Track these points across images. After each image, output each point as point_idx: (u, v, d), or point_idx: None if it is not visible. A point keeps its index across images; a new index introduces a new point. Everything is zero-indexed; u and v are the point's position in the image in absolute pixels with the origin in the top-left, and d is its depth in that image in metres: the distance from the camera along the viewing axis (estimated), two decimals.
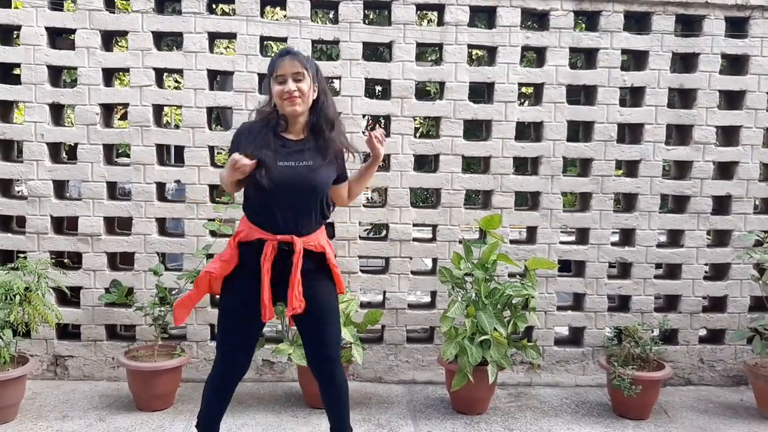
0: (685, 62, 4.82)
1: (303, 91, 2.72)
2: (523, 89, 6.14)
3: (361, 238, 4.64)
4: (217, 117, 9.14)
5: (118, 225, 4.73)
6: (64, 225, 4.67)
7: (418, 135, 11.60)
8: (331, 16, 5.05)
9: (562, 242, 4.75)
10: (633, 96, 4.81)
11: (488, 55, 4.78)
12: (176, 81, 9.73)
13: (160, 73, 4.55)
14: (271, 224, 2.76)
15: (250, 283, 2.78)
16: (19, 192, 5.03)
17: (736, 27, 4.68)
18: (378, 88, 10.18)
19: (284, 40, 4.50)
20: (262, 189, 2.70)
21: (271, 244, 2.74)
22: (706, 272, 4.89)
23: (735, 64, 4.81)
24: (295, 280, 2.75)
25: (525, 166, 4.93)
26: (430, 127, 12.57)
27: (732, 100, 4.81)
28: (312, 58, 2.94)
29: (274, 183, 2.68)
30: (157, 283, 4.24)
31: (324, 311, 2.90)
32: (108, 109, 4.61)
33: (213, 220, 4.42)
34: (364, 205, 4.64)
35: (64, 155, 4.83)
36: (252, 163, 2.66)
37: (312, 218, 2.82)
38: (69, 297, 4.56)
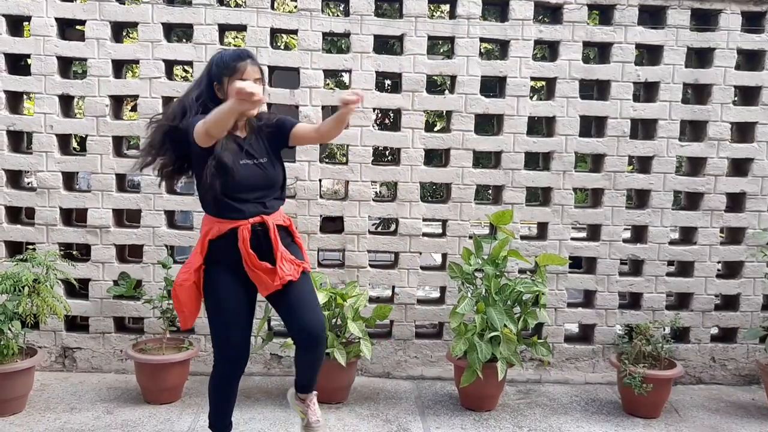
0: (700, 57, 4.76)
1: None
2: (534, 84, 6.09)
3: (370, 232, 4.61)
4: None
5: (126, 217, 4.72)
6: (73, 217, 4.66)
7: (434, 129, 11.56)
8: (342, 8, 5.01)
9: (573, 239, 4.71)
10: (646, 91, 4.76)
11: (500, 48, 4.73)
12: (186, 71, 9.71)
13: (170, 64, 4.53)
14: (240, 213, 2.90)
15: (230, 276, 2.95)
16: (28, 183, 5.03)
17: (753, 22, 4.62)
18: (387, 82, 10.14)
19: (294, 32, 4.47)
20: (229, 186, 2.84)
21: (245, 228, 2.89)
22: (718, 270, 4.84)
23: (751, 60, 4.74)
24: (278, 252, 2.91)
25: (536, 161, 4.89)
26: (436, 119, 12.51)
27: (747, 96, 4.74)
28: None
29: (239, 181, 2.85)
30: (165, 276, 4.23)
31: (303, 280, 3.02)
32: (118, 101, 4.60)
33: None
34: (373, 200, 4.61)
35: (75, 146, 4.82)
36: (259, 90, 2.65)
37: (274, 199, 3.01)
38: (77, 289, 4.56)
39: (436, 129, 10.72)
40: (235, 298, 2.98)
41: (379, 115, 13.66)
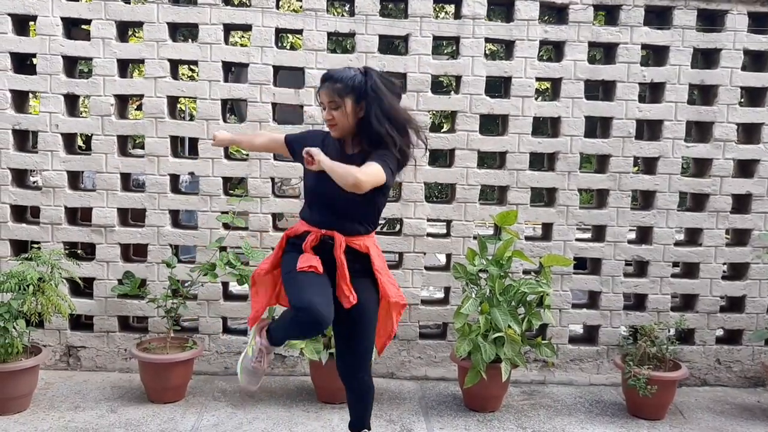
0: (706, 58, 4.74)
1: (337, 118, 2.85)
2: (539, 85, 6.09)
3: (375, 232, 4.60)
4: (231, 109, 9.14)
5: (131, 216, 4.73)
6: (78, 216, 4.67)
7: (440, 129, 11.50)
8: (347, 8, 5.01)
9: (578, 239, 4.69)
10: (652, 92, 4.74)
11: (506, 49, 4.72)
12: (191, 70, 9.73)
13: (175, 64, 4.53)
14: (317, 221, 2.91)
15: (299, 252, 2.89)
16: (33, 182, 5.04)
17: (759, 22, 4.60)
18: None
19: (299, 32, 4.47)
20: (311, 190, 2.95)
21: (315, 234, 2.88)
22: (724, 272, 4.82)
23: (757, 61, 4.72)
24: (343, 271, 2.83)
25: (541, 161, 4.88)
26: (443, 120, 12.49)
27: (754, 97, 4.72)
28: (356, 74, 2.85)
29: (319, 188, 2.88)
30: (169, 275, 4.24)
31: (359, 318, 2.95)
32: (123, 101, 4.61)
33: (226, 212, 4.40)
34: None
35: (80, 145, 4.83)
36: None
37: (356, 222, 2.91)
38: (82, 288, 4.56)
39: (442, 131, 10.71)
40: (315, 273, 2.80)
41: None
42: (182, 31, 4.89)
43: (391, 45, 7.98)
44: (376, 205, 2.96)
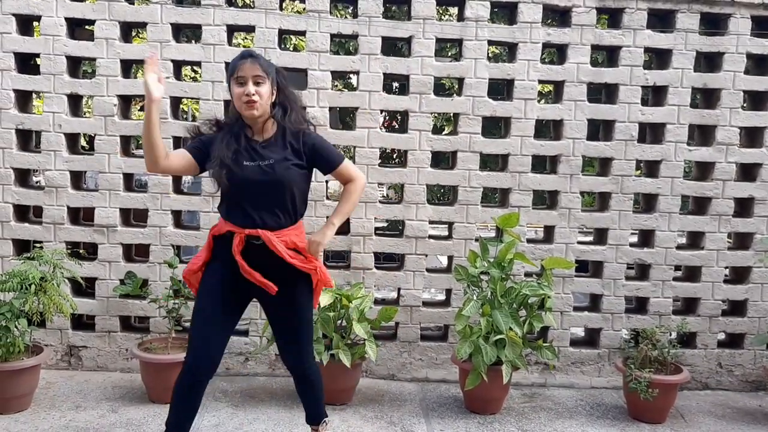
0: (709, 61, 4.74)
1: (262, 94, 2.78)
2: (542, 88, 6.10)
3: (376, 234, 4.61)
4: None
5: (134, 217, 4.74)
6: (81, 216, 4.68)
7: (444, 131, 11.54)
8: (350, 10, 5.02)
9: (579, 242, 4.69)
10: (655, 95, 4.74)
11: (508, 51, 4.73)
12: (194, 71, 9.75)
13: (178, 65, 4.54)
14: (240, 219, 2.83)
15: (221, 271, 2.88)
16: (36, 182, 5.05)
17: (763, 26, 4.60)
18: (395, 84, 10.15)
19: (302, 33, 4.48)
20: (229, 188, 2.80)
21: (239, 236, 2.80)
22: (726, 275, 4.82)
23: (760, 64, 4.72)
24: (284, 256, 2.82)
25: (543, 164, 4.88)
26: (444, 123, 12.49)
27: (757, 100, 4.72)
28: (270, 61, 2.97)
29: (240, 181, 2.78)
30: (171, 276, 4.24)
31: (293, 307, 2.95)
32: (126, 101, 4.62)
33: None
34: (380, 201, 4.60)
35: (83, 145, 4.83)
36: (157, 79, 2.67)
37: (280, 214, 2.85)
38: (84, 288, 4.57)
39: (444, 133, 10.71)
40: (218, 307, 2.87)
41: (387, 118, 13.65)
42: (186, 32, 4.90)
43: (394, 47, 7.99)
44: (303, 195, 2.94)
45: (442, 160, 5.88)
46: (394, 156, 12.27)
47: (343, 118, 11.61)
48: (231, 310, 2.95)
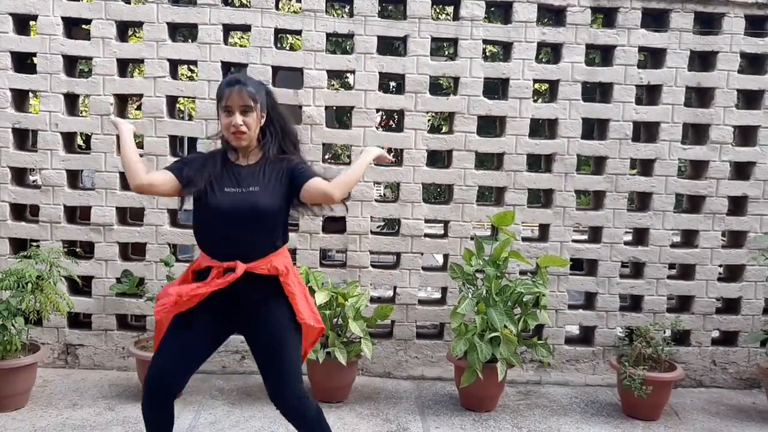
0: (703, 61, 4.76)
1: (249, 124, 2.64)
2: (538, 87, 6.12)
3: (372, 232, 4.62)
4: None
5: (130, 215, 4.75)
6: (77, 214, 4.69)
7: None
8: (347, 9, 5.04)
9: (574, 240, 4.71)
10: (649, 94, 4.76)
11: (503, 50, 4.75)
12: (191, 70, 9.76)
13: (174, 64, 4.55)
14: (218, 252, 2.65)
15: (202, 310, 2.66)
16: (33, 181, 5.06)
17: (756, 25, 4.62)
18: (392, 84, 10.16)
19: (298, 32, 4.49)
20: (207, 216, 2.65)
21: (217, 270, 2.62)
22: (720, 273, 4.84)
23: (754, 63, 4.75)
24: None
25: (538, 163, 4.90)
26: (441, 122, 12.51)
27: (750, 99, 4.75)
28: (260, 81, 2.80)
29: (219, 209, 2.61)
30: (167, 274, 4.25)
31: (276, 344, 2.70)
32: (122, 100, 4.62)
33: None
34: (376, 200, 4.62)
35: (80, 144, 4.84)
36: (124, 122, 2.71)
37: (260, 243, 2.66)
38: (80, 286, 4.58)
39: (440, 132, 10.73)
40: (192, 334, 2.68)
41: (384, 117, 13.66)
42: (182, 32, 4.91)
43: (390, 46, 8.01)
44: (285, 223, 2.77)
45: (438, 159, 5.89)
46: (393, 155, 12.29)
47: (341, 117, 11.61)
48: (204, 338, 2.73)
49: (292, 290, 2.72)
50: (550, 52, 4.89)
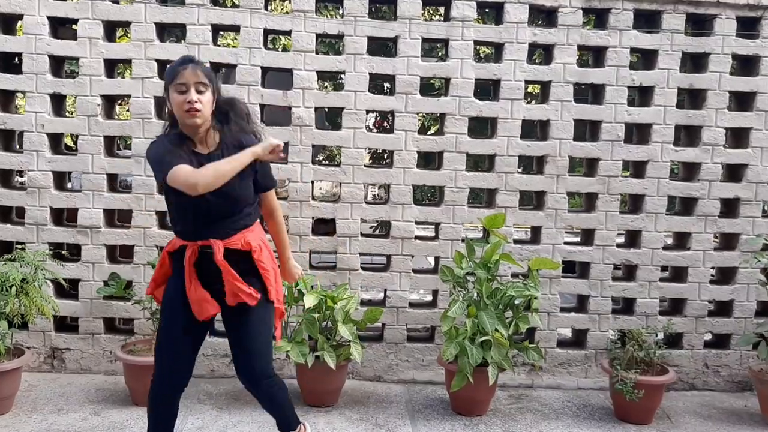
0: (695, 62, 4.75)
1: (204, 102, 2.66)
2: (531, 88, 6.10)
3: (362, 234, 4.58)
4: None
5: (117, 217, 4.70)
6: (64, 217, 4.64)
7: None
8: (339, 11, 5.01)
9: (566, 243, 4.69)
10: (641, 95, 4.74)
11: (495, 51, 4.72)
12: None
13: (162, 64, 4.49)
14: (191, 233, 2.76)
15: (181, 286, 2.80)
16: (19, 183, 5.00)
17: (748, 27, 4.60)
18: (387, 85, 10.12)
19: (288, 33, 4.46)
20: (182, 203, 2.72)
21: (192, 248, 2.75)
22: (712, 276, 4.82)
23: (746, 65, 4.73)
24: (228, 275, 2.73)
25: (530, 165, 4.87)
26: (431, 122, 12.48)
27: (742, 101, 4.73)
28: (209, 66, 2.88)
29: (192, 198, 2.62)
30: None
31: (248, 320, 2.82)
32: (110, 101, 4.58)
33: None
34: (366, 202, 4.59)
35: (68, 145, 4.79)
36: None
37: (231, 223, 2.77)
38: (67, 289, 4.53)
39: (430, 132, 10.70)
40: (179, 322, 2.83)
41: (378, 118, 13.62)
42: (173, 32, 4.87)
43: (384, 47, 7.99)
44: (254, 203, 2.88)
45: (430, 160, 5.86)
46: (386, 156, 12.24)
47: (333, 118, 11.59)
48: (194, 323, 2.84)
49: (266, 267, 2.83)
50: (542, 53, 4.86)
